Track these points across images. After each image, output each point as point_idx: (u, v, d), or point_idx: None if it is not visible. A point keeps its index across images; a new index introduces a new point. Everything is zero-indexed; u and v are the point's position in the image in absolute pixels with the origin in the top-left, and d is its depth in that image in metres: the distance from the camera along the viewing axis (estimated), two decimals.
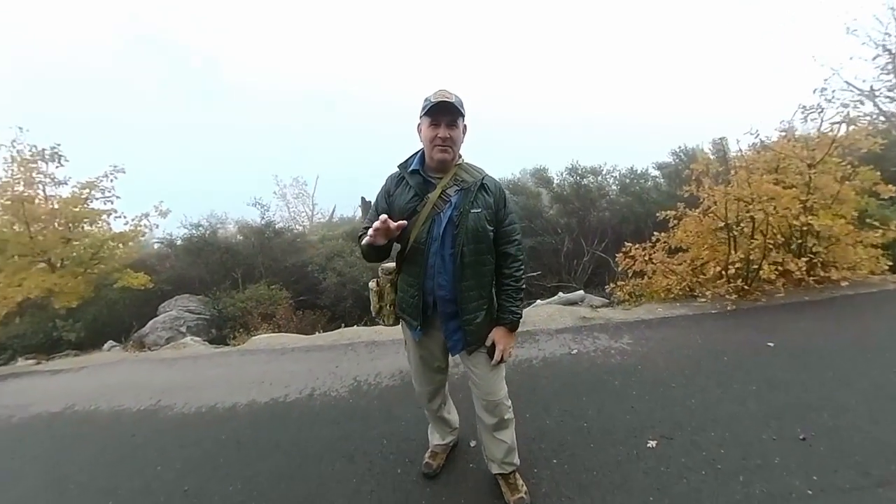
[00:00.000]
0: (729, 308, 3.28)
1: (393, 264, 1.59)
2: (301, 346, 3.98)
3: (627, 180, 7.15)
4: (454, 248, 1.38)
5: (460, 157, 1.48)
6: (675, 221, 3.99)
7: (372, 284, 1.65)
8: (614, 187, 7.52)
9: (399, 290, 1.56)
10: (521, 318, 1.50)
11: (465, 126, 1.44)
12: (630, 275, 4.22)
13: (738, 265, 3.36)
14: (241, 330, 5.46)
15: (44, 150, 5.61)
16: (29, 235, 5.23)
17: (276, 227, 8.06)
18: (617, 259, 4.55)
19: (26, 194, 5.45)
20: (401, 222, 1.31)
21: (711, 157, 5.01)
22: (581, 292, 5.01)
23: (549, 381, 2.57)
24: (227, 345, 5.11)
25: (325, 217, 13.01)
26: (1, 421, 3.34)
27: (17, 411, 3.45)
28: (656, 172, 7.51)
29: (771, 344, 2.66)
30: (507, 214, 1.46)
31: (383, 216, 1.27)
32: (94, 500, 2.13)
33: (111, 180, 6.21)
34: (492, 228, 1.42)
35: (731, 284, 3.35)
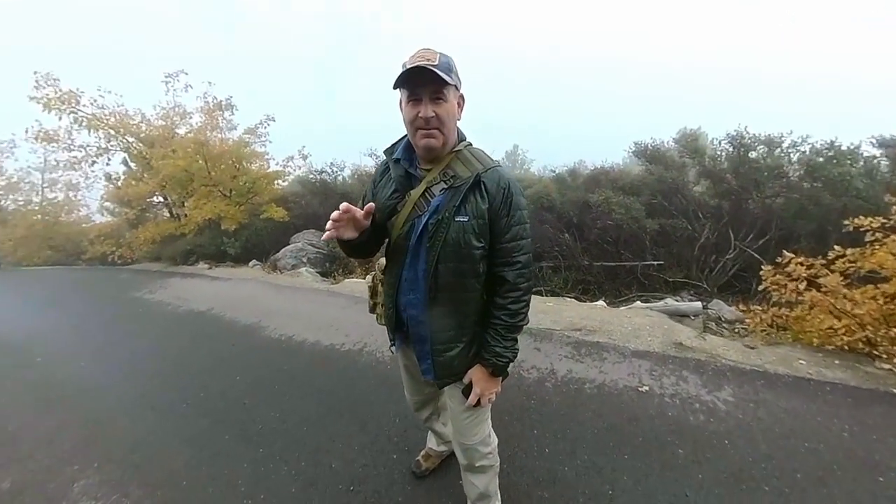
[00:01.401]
0: None
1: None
2: None
3: (821, 159, 5.01)
4: (427, 265, 1.11)
5: (465, 140, 1.14)
6: (877, 235, 2.62)
7: (368, 279, 1.52)
8: (796, 167, 5.43)
9: (384, 293, 1.38)
10: (509, 362, 1.16)
11: (460, 96, 1.07)
12: (771, 299, 3.06)
13: None
14: (340, 270, 6.20)
15: (221, 101, 7.02)
16: (208, 171, 6.82)
17: None
18: (762, 272, 3.34)
19: (210, 137, 7.02)
20: (369, 205, 1.05)
21: None
22: (698, 304, 3.95)
23: (593, 417, 2.10)
24: (329, 280, 5.91)
25: None
26: (174, 307, 4.66)
27: (184, 304, 4.76)
28: (875, 152, 5.02)
29: None
30: (510, 226, 1.07)
31: (343, 204, 1.01)
32: (192, 390, 2.76)
33: (265, 127, 7.46)
34: (481, 245, 1.07)
35: None
